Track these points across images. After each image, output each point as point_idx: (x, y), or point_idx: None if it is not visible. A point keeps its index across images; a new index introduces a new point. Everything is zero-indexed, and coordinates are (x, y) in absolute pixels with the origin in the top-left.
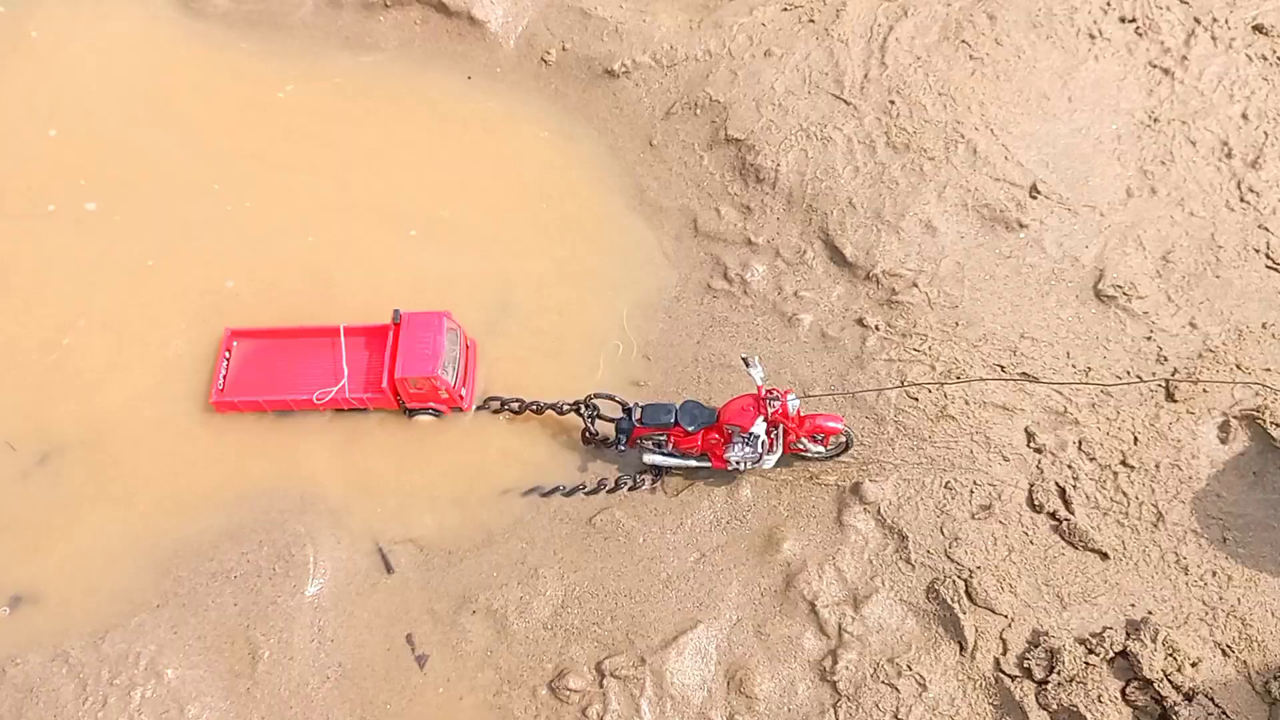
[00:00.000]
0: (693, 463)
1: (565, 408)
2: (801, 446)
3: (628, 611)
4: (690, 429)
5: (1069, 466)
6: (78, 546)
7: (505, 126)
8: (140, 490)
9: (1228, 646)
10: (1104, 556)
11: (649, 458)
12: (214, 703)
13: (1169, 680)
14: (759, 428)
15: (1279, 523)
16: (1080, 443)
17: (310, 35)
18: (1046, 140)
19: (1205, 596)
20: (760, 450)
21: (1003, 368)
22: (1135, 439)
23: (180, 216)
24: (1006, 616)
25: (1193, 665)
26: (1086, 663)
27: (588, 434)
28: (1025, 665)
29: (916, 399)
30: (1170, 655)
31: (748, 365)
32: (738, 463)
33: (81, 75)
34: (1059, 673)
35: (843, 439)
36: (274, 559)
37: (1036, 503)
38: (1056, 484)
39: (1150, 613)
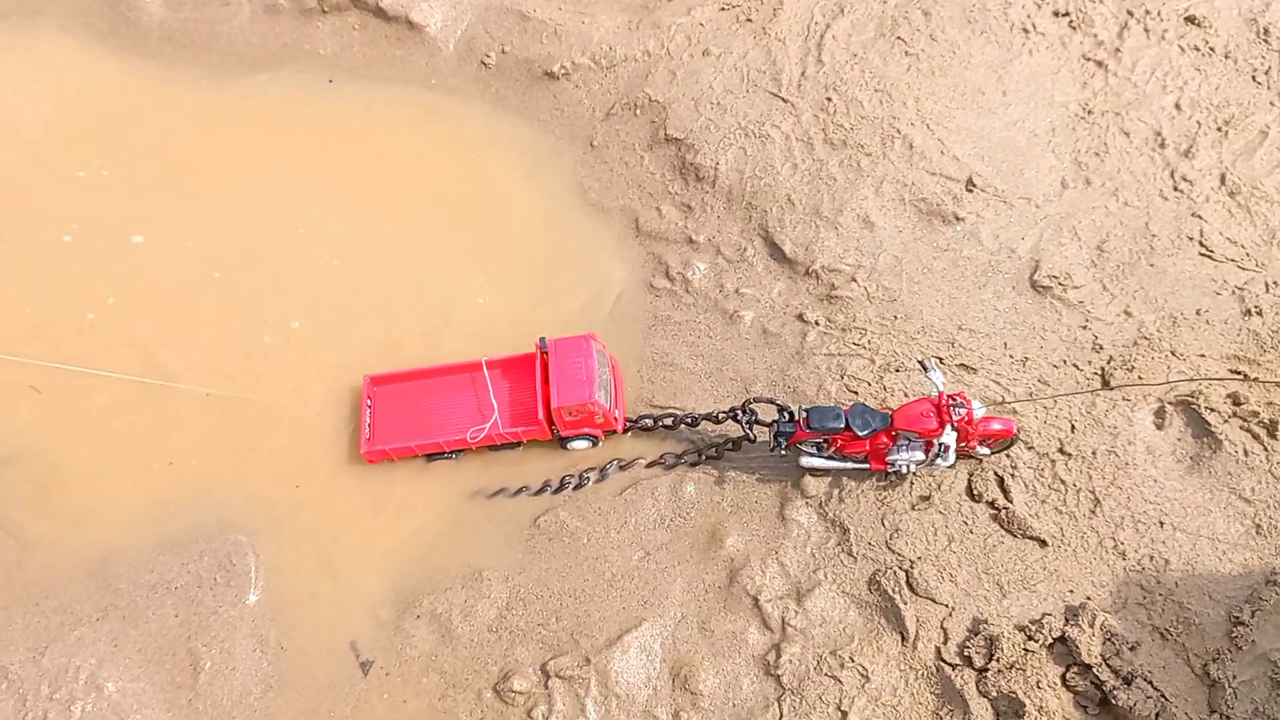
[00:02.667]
0: (852, 465)
1: (721, 416)
2: (971, 449)
3: (572, 612)
4: (862, 434)
5: (1007, 455)
6: (15, 559)
7: (446, 131)
8: (80, 501)
9: (1166, 630)
10: (1042, 544)
11: (807, 461)
12: (155, 715)
13: (1108, 665)
14: (950, 438)
15: (1215, 507)
16: (1018, 431)
17: (247, 44)
18: (982, 134)
19: (1143, 581)
20: (936, 455)
21: (941, 359)
22: (1072, 427)
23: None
24: (947, 606)
25: (1131, 649)
26: (1026, 649)
27: (749, 440)
28: (966, 654)
29: (856, 392)
30: (1109, 640)
31: (925, 370)
32: (901, 465)
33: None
34: (999, 660)
35: (1012, 440)
36: (215, 569)
37: (975, 492)
38: (995, 473)
39: (1089, 598)
